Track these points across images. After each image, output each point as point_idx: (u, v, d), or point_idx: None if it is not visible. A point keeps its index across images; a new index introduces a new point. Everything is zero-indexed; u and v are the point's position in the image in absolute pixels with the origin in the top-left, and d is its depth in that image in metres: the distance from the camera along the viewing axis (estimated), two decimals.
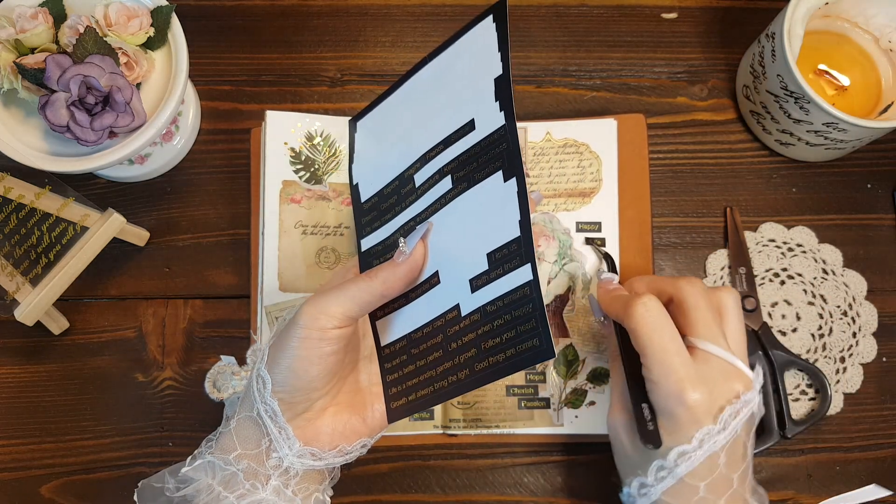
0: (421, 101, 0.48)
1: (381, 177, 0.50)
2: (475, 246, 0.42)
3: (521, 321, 0.39)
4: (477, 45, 0.44)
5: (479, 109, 0.43)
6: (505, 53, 0.42)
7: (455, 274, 0.43)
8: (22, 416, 0.59)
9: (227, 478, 0.43)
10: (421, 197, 0.46)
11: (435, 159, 0.46)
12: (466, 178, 0.43)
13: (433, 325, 0.44)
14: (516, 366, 0.39)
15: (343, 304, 0.41)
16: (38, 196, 0.54)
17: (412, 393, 0.44)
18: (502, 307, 0.40)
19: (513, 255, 0.40)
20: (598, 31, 0.66)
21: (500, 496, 0.58)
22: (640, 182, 0.61)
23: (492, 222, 0.41)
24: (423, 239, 0.44)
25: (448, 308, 0.43)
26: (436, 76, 0.47)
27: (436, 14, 0.66)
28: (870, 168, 0.63)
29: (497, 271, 0.41)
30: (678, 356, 0.45)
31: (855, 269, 0.61)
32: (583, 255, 0.59)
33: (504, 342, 0.40)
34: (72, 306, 0.60)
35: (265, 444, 0.43)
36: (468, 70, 0.45)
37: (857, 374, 0.59)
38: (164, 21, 0.54)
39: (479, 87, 0.43)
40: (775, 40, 0.56)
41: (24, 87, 0.52)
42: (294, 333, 0.41)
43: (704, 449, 0.44)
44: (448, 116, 0.45)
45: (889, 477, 0.58)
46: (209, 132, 0.64)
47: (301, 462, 0.42)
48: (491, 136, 0.42)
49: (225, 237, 0.62)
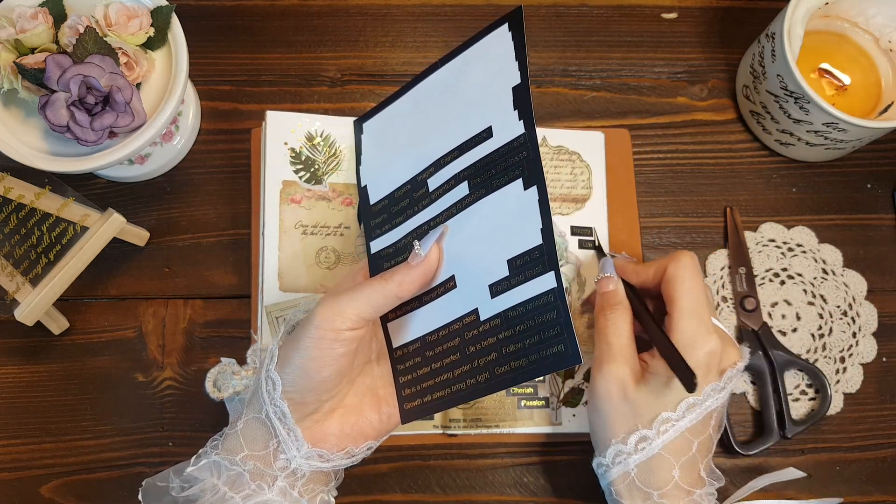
0: (433, 106, 0.48)
1: (392, 180, 0.50)
2: (494, 252, 0.42)
3: (546, 327, 0.39)
4: (492, 53, 0.44)
5: (497, 117, 0.43)
6: (523, 62, 0.42)
7: (473, 279, 0.43)
8: (22, 416, 0.59)
9: (232, 478, 0.43)
10: (435, 201, 0.46)
11: (450, 165, 0.46)
12: (484, 185, 0.43)
13: (449, 328, 0.44)
14: (540, 370, 0.40)
15: (358, 305, 0.42)
16: (38, 196, 0.54)
17: (427, 395, 0.44)
18: (524, 313, 0.40)
19: (535, 263, 0.40)
20: (598, 31, 0.66)
21: (500, 496, 0.58)
22: (627, 192, 0.62)
23: (511, 229, 0.42)
24: (439, 242, 0.44)
25: (466, 312, 0.43)
26: (449, 82, 0.47)
27: (436, 14, 0.66)
28: (870, 168, 0.63)
29: (518, 277, 0.41)
30: (708, 307, 0.48)
31: (855, 269, 0.61)
32: (577, 257, 0.59)
33: (527, 347, 0.40)
34: (72, 306, 0.60)
35: (273, 445, 0.43)
36: (484, 77, 0.45)
37: (857, 374, 0.59)
38: (164, 21, 0.54)
39: (497, 94, 0.43)
40: (775, 40, 0.56)
41: (24, 87, 0.52)
42: (308, 333, 0.41)
43: (707, 403, 0.46)
44: (463, 123, 0.45)
45: (889, 477, 0.58)
46: (209, 132, 0.64)
47: (309, 464, 0.42)
48: (510, 144, 0.42)
49: (225, 237, 0.62)
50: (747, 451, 0.57)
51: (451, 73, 0.47)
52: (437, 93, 0.48)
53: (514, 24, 0.43)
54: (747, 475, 0.58)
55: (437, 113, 0.48)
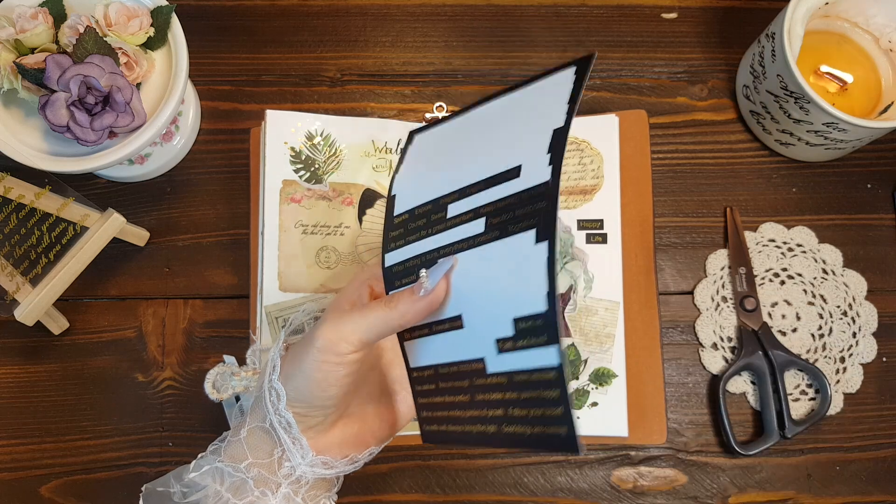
0: (478, 134, 0.47)
1: (418, 196, 0.48)
2: (501, 304, 0.41)
3: (549, 405, 0.38)
4: (548, 93, 0.43)
5: (529, 157, 0.42)
6: (573, 106, 0.40)
7: (480, 324, 0.42)
8: (22, 416, 0.59)
9: (236, 484, 0.43)
10: (449, 230, 0.45)
11: (473, 196, 0.44)
12: (500, 227, 0.42)
13: (459, 367, 0.43)
14: (540, 446, 0.38)
15: (360, 330, 0.41)
16: (38, 196, 0.54)
17: (445, 424, 0.44)
18: (529, 382, 0.39)
19: (538, 331, 0.39)
20: (598, 31, 0.66)
21: (500, 496, 0.58)
22: (643, 179, 0.61)
23: (519, 284, 0.40)
24: (447, 275, 0.43)
25: (473, 358, 0.42)
26: (501, 113, 0.46)
27: (436, 14, 0.66)
28: (870, 168, 0.63)
29: (523, 341, 0.39)
30: None
31: (855, 269, 0.61)
32: (584, 253, 0.59)
33: (531, 417, 0.39)
34: (72, 306, 0.60)
35: (277, 453, 0.43)
36: (532, 115, 0.43)
37: (857, 374, 0.59)
38: (164, 21, 0.54)
39: (536, 133, 0.42)
40: (775, 40, 0.56)
41: (24, 87, 0.52)
42: (311, 356, 0.41)
43: None
44: (498, 156, 0.44)
45: (889, 477, 0.58)
46: (209, 132, 0.64)
47: (313, 471, 0.43)
48: (534, 190, 0.40)
49: (225, 237, 0.62)
50: (747, 451, 0.57)
51: (506, 106, 0.46)
52: (487, 121, 0.47)
53: (581, 69, 0.41)
54: (747, 475, 0.58)
55: (478, 142, 0.46)
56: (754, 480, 0.58)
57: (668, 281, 0.61)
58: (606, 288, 0.59)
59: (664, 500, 0.58)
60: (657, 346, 0.59)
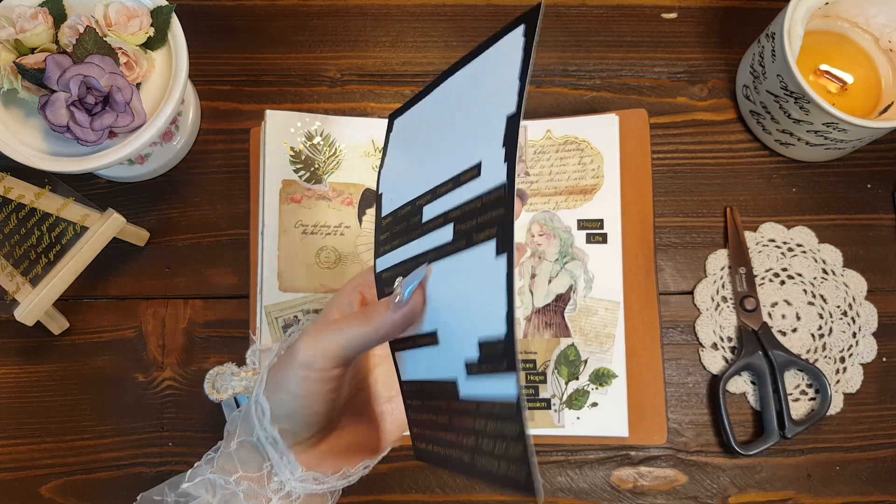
0: (444, 119, 0.43)
1: (401, 194, 0.45)
2: (468, 323, 0.37)
3: (511, 441, 0.34)
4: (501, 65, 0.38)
5: (487, 152, 0.37)
6: (524, 84, 0.35)
7: (452, 345, 0.38)
8: (22, 416, 0.59)
9: (227, 497, 0.42)
10: (423, 235, 0.41)
11: (443, 197, 0.40)
12: (466, 235, 0.38)
13: (438, 386, 0.40)
14: (506, 486, 0.34)
15: (339, 346, 0.40)
16: (38, 196, 0.54)
17: (431, 443, 0.41)
18: (494, 414, 0.35)
19: (499, 357, 0.35)
20: (598, 31, 0.66)
21: (499, 496, 0.58)
22: (643, 179, 0.61)
23: (483, 302, 0.36)
24: (423, 286, 0.40)
25: (447, 379, 0.39)
26: (460, 90, 0.41)
27: (436, 14, 0.66)
28: (870, 168, 0.63)
29: (486, 366, 0.36)
30: None
31: (855, 269, 0.61)
32: (584, 253, 0.59)
33: (496, 452, 0.35)
34: (72, 306, 0.60)
35: (267, 468, 0.42)
36: (486, 94, 0.39)
37: (857, 374, 0.59)
38: (164, 21, 0.54)
39: (492, 121, 0.37)
40: (775, 40, 0.56)
41: (24, 87, 0.52)
42: (293, 373, 0.40)
43: None
44: (462, 148, 0.39)
45: (889, 477, 0.58)
46: (209, 132, 0.64)
47: (303, 486, 0.42)
48: (492, 193, 0.36)
49: (225, 237, 0.61)
50: (747, 452, 0.57)
51: (464, 82, 0.41)
52: (451, 102, 0.42)
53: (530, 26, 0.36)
54: (747, 475, 0.58)
55: (447, 129, 0.42)
56: (754, 480, 0.58)
57: (668, 281, 0.61)
58: (606, 288, 0.59)
59: (664, 500, 0.58)
60: (657, 346, 0.59)
